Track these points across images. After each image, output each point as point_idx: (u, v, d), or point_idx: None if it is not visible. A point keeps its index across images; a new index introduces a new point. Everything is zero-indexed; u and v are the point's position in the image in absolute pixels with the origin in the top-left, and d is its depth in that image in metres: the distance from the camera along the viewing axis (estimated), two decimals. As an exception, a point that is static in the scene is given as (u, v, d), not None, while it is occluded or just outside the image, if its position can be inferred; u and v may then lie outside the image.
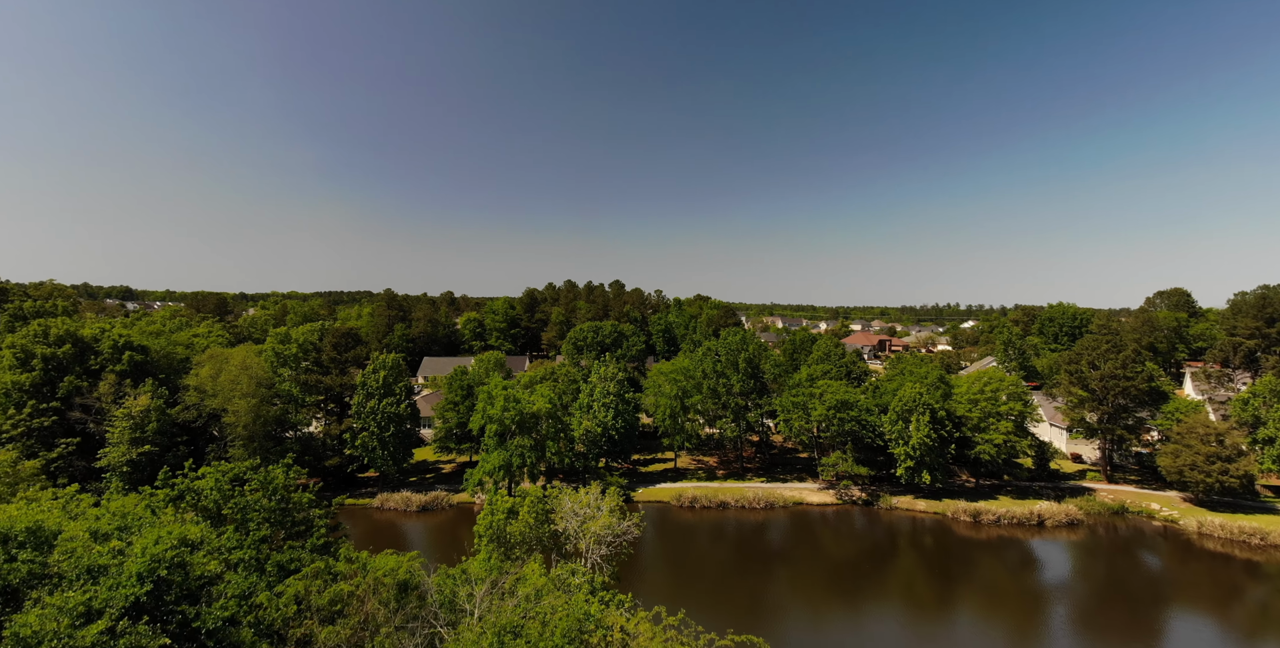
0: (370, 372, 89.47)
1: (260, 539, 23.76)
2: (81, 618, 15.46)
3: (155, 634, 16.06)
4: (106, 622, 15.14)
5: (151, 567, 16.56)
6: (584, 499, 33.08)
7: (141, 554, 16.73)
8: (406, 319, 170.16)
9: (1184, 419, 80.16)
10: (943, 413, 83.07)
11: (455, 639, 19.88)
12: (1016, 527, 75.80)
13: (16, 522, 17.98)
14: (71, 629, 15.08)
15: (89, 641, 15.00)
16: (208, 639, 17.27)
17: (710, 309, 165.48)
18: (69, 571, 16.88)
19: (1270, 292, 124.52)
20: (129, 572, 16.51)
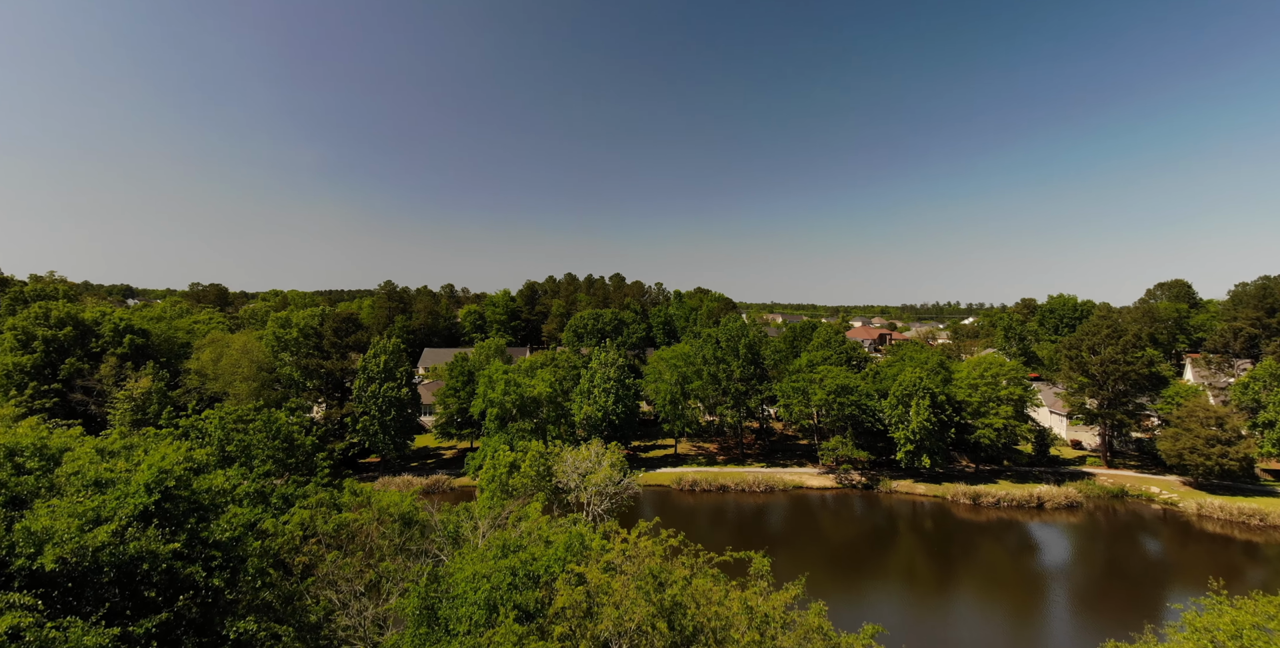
0: (371, 356, 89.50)
1: (264, 474, 23.84)
2: (90, 523, 15.50)
3: (165, 540, 16.13)
4: (115, 525, 15.18)
5: (159, 478, 16.60)
6: (584, 454, 33.16)
7: (149, 469, 16.77)
8: (407, 311, 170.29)
9: (1184, 404, 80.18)
10: (943, 397, 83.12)
11: (459, 556, 19.93)
12: (1016, 509, 75.82)
13: (23, 438, 18.05)
14: (80, 532, 15.12)
15: (98, 542, 15.04)
16: (215, 550, 17.31)
17: (711, 302, 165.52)
18: (76, 483, 16.92)
19: (1271, 282, 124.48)
20: (137, 483, 16.55)
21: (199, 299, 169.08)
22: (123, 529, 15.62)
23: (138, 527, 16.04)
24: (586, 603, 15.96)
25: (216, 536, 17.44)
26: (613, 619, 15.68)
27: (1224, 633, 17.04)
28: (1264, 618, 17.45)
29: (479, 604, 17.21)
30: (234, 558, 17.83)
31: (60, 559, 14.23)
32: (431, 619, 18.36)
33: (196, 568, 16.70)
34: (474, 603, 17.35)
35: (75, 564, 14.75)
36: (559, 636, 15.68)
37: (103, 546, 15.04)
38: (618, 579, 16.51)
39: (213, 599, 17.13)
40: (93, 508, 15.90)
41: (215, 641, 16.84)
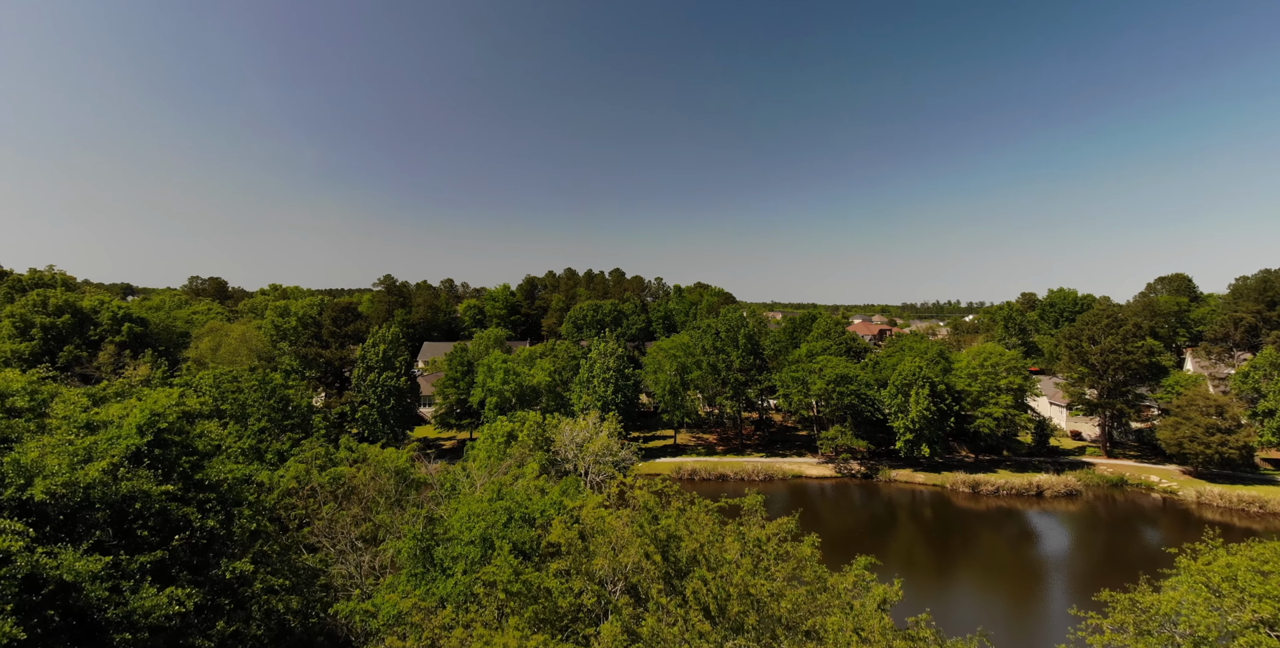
0: (370, 345, 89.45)
1: (259, 431, 23.80)
2: (81, 461, 15.45)
3: (157, 481, 16.07)
4: (106, 462, 15.13)
5: (151, 420, 16.54)
6: (582, 424, 33.13)
7: (141, 411, 16.71)
8: (406, 305, 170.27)
9: (1184, 392, 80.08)
10: (942, 387, 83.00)
11: (454, 501, 19.89)
12: (1015, 497, 75.75)
13: (13, 383, 18.00)
14: (70, 468, 15.06)
15: (89, 478, 14.98)
16: (209, 492, 17.26)
17: (711, 296, 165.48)
18: (67, 425, 16.86)
19: (1272, 275, 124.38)
20: (129, 425, 16.50)
21: (198, 293, 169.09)
22: (114, 468, 15.56)
23: (130, 467, 15.98)
24: (581, 543, 15.91)
25: (211, 477, 17.38)
26: (607, 557, 15.65)
27: (1218, 575, 17.00)
28: (1259, 562, 17.41)
29: (474, 543, 17.16)
30: (228, 501, 17.78)
31: (50, 491, 14.16)
32: (427, 560, 18.31)
33: (191, 510, 16.64)
34: (469, 542, 17.31)
35: (66, 499, 14.69)
36: (555, 572, 15.64)
37: (94, 483, 14.97)
38: (611, 517, 16.48)
39: (207, 541, 17.08)
40: (84, 447, 15.85)
41: (210, 580, 16.77)
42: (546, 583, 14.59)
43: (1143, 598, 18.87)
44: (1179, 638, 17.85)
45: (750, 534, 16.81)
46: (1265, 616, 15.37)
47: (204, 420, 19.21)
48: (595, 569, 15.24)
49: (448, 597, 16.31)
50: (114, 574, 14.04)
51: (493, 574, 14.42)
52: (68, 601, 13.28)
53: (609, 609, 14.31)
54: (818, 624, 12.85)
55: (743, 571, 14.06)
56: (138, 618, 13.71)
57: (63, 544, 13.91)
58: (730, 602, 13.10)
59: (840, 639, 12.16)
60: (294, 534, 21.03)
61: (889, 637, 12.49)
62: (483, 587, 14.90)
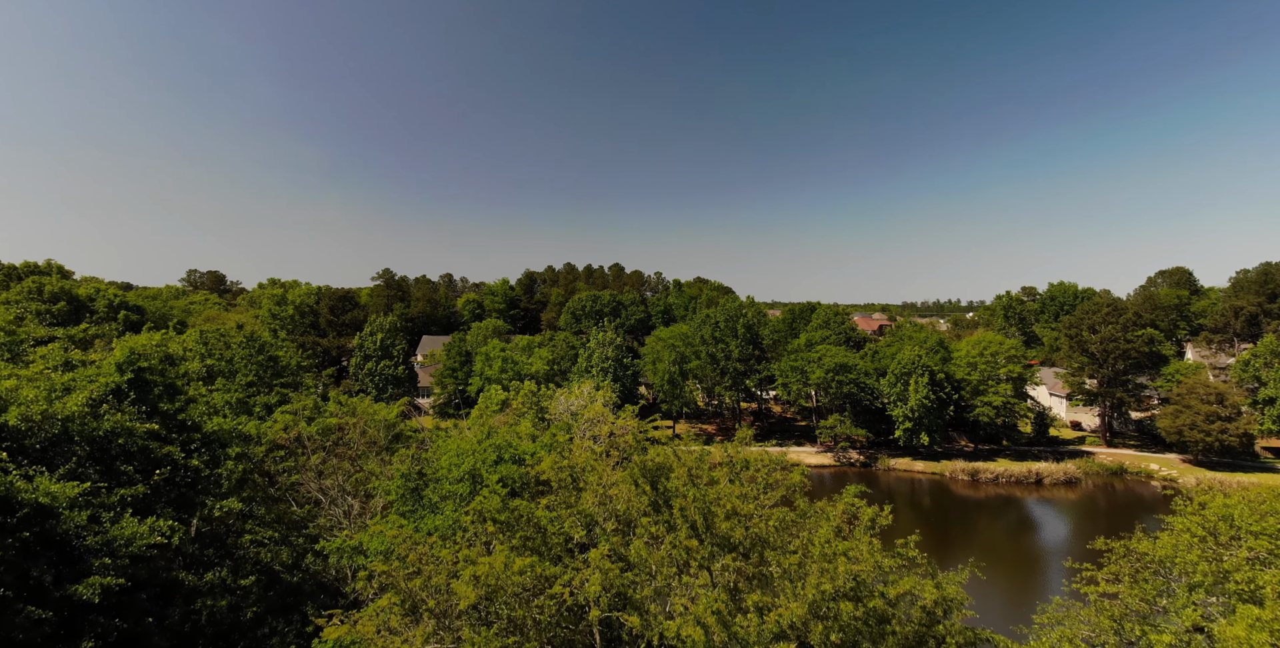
0: (368, 334, 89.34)
1: (246, 385, 23.60)
2: (60, 393, 15.25)
3: (140, 419, 15.88)
4: (86, 395, 14.94)
5: (132, 358, 16.33)
6: (576, 392, 32.94)
7: (122, 350, 16.51)
8: (405, 299, 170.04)
9: (1184, 381, 79.84)
10: (941, 376, 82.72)
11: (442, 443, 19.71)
12: (1015, 485, 75.51)
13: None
14: (48, 401, 14.87)
15: (68, 411, 14.79)
16: (194, 432, 17.07)
17: (710, 291, 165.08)
18: (45, 363, 16.66)
19: (1272, 268, 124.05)
20: (109, 363, 16.30)
21: (196, 286, 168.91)
22: (95, 404, 15.36)
23: (113, 403, 15.79)
24: (571, 480, 15.73)
25: (195, 418, 17.19)
26: (597, 493, 15.46)
27: (1214, 514, 16.82)
28: (1257, 503, 17.20)
29: (462, 480, 16.97)
30: (213, 443, 17.58)
31: (26, 418, 13.96)
32: (416, 500, 18.13)
33: (174, 449, 16.44)
34: (457, 480, 17.12)
35: (43, 429, 14.48)
36: (545, 506, 15.43)
37: (73, 416, 14.77)
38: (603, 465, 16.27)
39: (192, 480, 16.88)
40: (62, 383, 15.67)
41: (200, 534, 16.59)
42: (536, 513, 14.40)
43: (1138, 545, 18.68)
44: (1174, 584, 17.65)
45: (738, 458, 16.62)
46: (1261, 553, 15.16)
47: (187, 364, 19.04)
48: (585, 506, 15.05)
49: (435, 530, 16.13)
50: (92, 502, 13.85)
51: (481, 503, 14.22)
52: (44, 526, 13.08)
53: (598, 542, 14.13)
54: (806, 540, 12.66)
55: (732, 494, 13.87)
56: (119, 546, 13.51)
57: (39, 471, 13.72)
58: (717, 518, 12.92)
59: (828, 551, 11.97)
60: (282, 486, 20.85)
61: (877, 555, 12.32)
62: (471, 516, 14.71)
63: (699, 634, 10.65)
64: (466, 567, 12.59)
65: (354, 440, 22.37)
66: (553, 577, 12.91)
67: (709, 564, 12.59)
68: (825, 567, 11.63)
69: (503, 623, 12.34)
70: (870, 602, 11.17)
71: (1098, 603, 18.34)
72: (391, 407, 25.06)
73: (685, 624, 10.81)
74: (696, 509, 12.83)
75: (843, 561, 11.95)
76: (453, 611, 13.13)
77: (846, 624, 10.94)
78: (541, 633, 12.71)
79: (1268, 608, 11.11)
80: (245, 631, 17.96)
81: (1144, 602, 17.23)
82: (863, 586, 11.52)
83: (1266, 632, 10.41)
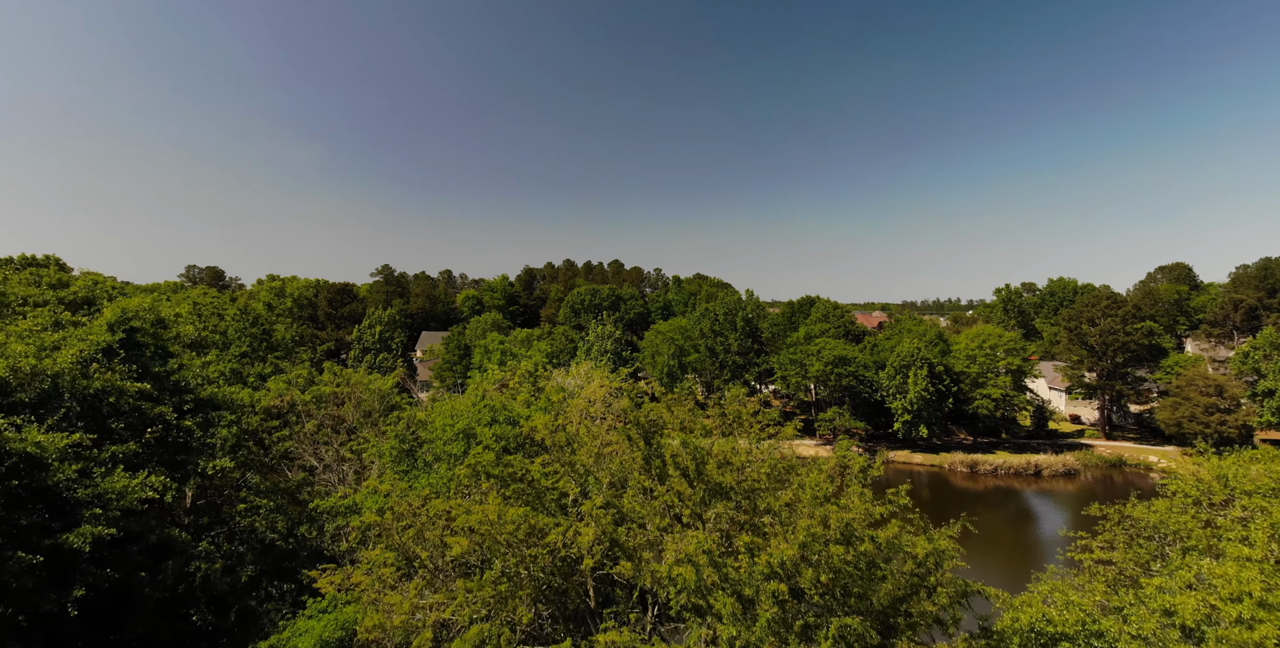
0: (366, 326, 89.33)
1: (240, 355, 23.57)
2: (48, 351, 15.23)
3: (132, 378, 15.85)
4: (75, 350, 14.91)
5: (124, 317, 16.30)
6: (574, 372, 32.93)
7: (113, 310, 16.48)
8: (404, 295, 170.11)
9: (1183, 373, 79.81)
10: (940, 368, 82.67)
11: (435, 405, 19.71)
12: (1014, 477, 75.54)
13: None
14: (37, 357, 14.84)
15: (58, 367, 14.77)
16: (187, 394, 17.05)
17: (710, 287, 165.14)
18: (34, 322, 16.63)
19: (1272, 263, 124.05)
20: (100, 323, 16.28)
21: (194, 281, 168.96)
22: (86, 362, 15.34)
23: (103, 362, 15.77)
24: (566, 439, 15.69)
25: (188, 379, 17.18)
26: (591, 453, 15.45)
27: (1210, 472, 16.81)
28: (1248, 461, 17.20)
29: (456, 439, 16.95)
30: (206, 405, 17.56)
31: (15, 371, 13.95)
32: (410, 461, 18.11)
33: (167, 409, 16.43)
34: (450, 439, 17.10)
35: (33, 385, 14.45)
36: (540, 463, 15.41)
37: (63, 372, 14.75)
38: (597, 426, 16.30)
39: (185, 440, 16.86)
40: (52, 342, 15.65)
41: (192, 483, 16.58)
42: (531, 468, 14.39)
43: (1132, 511, 18.68)
44: (1168, 548, 17.62)
45: (730, 410, 16.62)
46: (1255, 511, 15.13)
47: (179, 326, 19.03)
48: (579, 458, 15.02)
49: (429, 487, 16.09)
50: (82, 454, 13.84)
51: (476, 456, 14.20)
52: (34, 477, 13.06)
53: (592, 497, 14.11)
54: (798, 485, 12.64)
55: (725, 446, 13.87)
56: (110, 499, 13.50)
57: (29, 421, 13.71)
58: (708, 466, 12.90)
59: (818, 494, 11.96)
60: (276, 455, 20.84)
61: (868, 503, 12.30)
62: (465, 470, 14.67)
63: (690, 574, 10.64)
64: (460, 515, 12.58)
65: (349, 413, 22.35)
66: (546, 529, 12.90)
67: (701, 512, 12.59)
68: (816, 511, 11.63)
69: (494, 572, 12.33)
70: (861, 545, 11.16)
71: (1091, 569, 18.33)
72: (387, 378, 25.04)
73: (676, 565, 10.80)
74: (689, 455, 12.83)
75: (833, 508, 11.94)
76: (446, 563, 13.12)
77: (837, 567, 10.92)
78: (535, 583, 12.69)
79: (1258, 549, 11.12)
80: (239, 594, 17.97)
81: (1138, 566, 17.21)
82: (853, 531, 11.50)
83: (1255, 570, 10.41)
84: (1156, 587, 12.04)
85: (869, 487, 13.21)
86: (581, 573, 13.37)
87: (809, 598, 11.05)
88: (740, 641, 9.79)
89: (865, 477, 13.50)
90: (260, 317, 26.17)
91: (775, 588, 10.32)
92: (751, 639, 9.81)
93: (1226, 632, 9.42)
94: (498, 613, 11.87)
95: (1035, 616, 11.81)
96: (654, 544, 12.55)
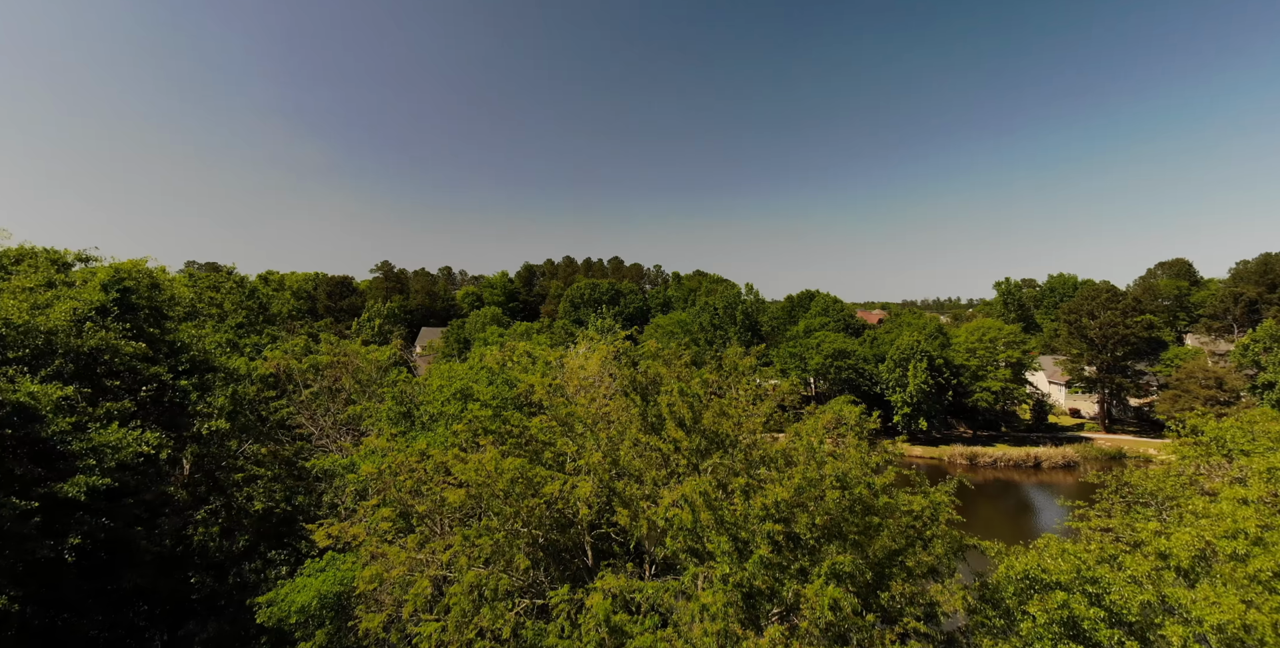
0: (365, 320, 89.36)
1: (236, 326, 23.57)
2: (40, 309, 15.22)
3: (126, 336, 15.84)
4: (69, 306, 14.91)
5: (117, 277, 16.29)
6: (574, 351, 32.83)
7: (107, 270, 16.47)
8: (404, 291, 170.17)
9: (1183, 365, 79.81)
10: (940, 361, 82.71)
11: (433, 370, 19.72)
12: (1013, 469, 75.54)
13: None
14: (31, 315, 14.83)
15: (51, 324, 14.77)
16: (182, 354, 17.04)
17: (710, 283, 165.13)
18: (26, 280, 16.60)
19: (1272, 258, 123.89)
20: (93, 284, 16.28)
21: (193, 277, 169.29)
22: (80, 320, 15.33)
23: (97, 320, 15.76)
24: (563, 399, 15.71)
25: (184, 338, 17.18)
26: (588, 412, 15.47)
27: (1208, 435, 16.82)
28: (1249, 424, 17.19)
29: (453, 399, 16.95)
30: (201, 366, 17.56)
31: (8, 324, 13.93)
32: (408, 422, 18.11)
33: (161, 369, 16.43)
34: (447, 399, 17.10)
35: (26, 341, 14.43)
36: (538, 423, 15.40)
37: (56, 329, 14.74)
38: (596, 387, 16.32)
39: (180, 400, 16.86)
40: (46, 299, 15.65)
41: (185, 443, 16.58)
42: (528, 423, 14.38)
43: (1130, 477, 18.68)
44: (1165, 514, 17.62)
45: (727, 362, 16.61)
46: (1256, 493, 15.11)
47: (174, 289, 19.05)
48: (576, 409, 15.01)
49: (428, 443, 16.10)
50: (76, 407, 13.85)
51: (473, 414, 14.21)
52: (29, 429, 13.04)
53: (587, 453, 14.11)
54: (795, 431, 12.64)
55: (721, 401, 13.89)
56: (105, 452, 13.50)
57: (20, 367, 13.72)
58: (705, 412, 12.90)
59: (813, 441, 11.97)
60: (273, 422, 20.83)
61: (864, 451, 12.31)
62: (462, 425, 14.68)
63: (686, 516, 10.63)
64: (457, 466, 12.58)
65: (347, 383, 22.34)
66: (542, 481, 12.90)
67: (698, 463, 12.58)
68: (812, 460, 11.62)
69: (490, 520, 12.33)
70: (856, 488, 11.16)
71: (1089, 536, 18.31)
72: (384, 348, 25.05)
73: (672, 507, 10.80)
74: (685, 404, 12.82)
75: (829, 458, 11.94)
76: (445, 515, 13.12)
77: (832, 511, 10.92)
78: (532, 534, 12.69)
79: (1253, 489, 11.11)
80: (238, 560, 18.00)
81: (1135, 532, 17.19)
82: (849, 477, 11.50)
83: (1251, 510, 10.40)
84: (1153, 531, 12.05)
85: (865, 439, 13.21)
86: (579, 527, 13.37)
87: (805, 542, 11.05)
88: (735, 577, 9.78)
89: (861, 430, 13.50)
90: (257, 289, 26.13)
91: (770, 529, 10.32)
92: (744, 576, 9.80)
93: (1222, 567, 9.41)
94: (495, 561, 11.87)
95: (1030, 563, 11.81)
96: (651, 497, 12.55)
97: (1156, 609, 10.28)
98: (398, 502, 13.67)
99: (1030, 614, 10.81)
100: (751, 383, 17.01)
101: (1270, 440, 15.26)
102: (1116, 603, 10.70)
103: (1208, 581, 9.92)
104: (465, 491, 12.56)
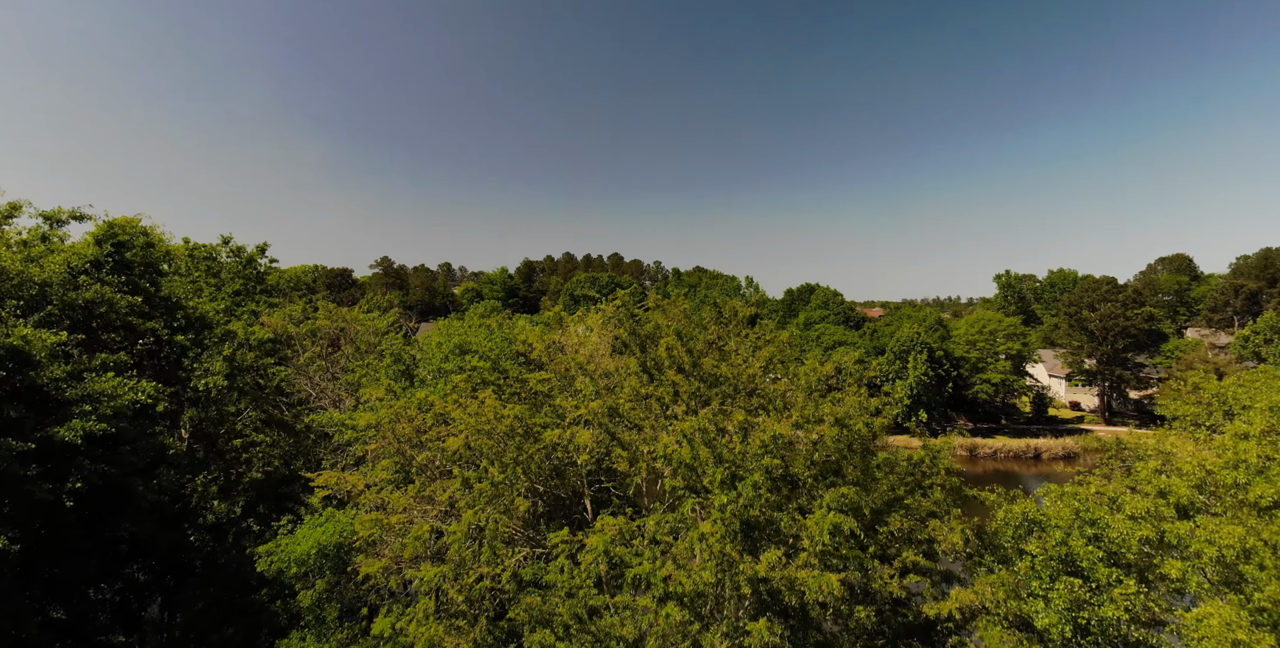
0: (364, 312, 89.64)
1: (233, 293, 23.51)
2: (33, 261, 15.16)
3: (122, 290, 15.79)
4: (64, 257, 14.87)
5: (109, 232, 16.22)
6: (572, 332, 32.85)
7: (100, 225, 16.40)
8: (404, 287, 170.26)
9: (1184, 356, 79.79)
10: (940, 353, 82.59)
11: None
12: (1013, 460, 75.57)
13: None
14: (25, 266, 14.76)
15: (46, 275, 14.73)
16: (177, 310, 16.98)
17: (710, 278, 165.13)
18: (17, 238, 16.53)
19: (1272, 253, 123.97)
20: (87, 238, 16.23)
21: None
22: (75, 273, 15.29)
23: (92, 273, 15.72)
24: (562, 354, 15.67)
25: (179, 293, 17.14)
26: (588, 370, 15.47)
27: (1207, 393, 16.80)
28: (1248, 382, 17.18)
29: (452, 355, 16.92)
30: (196, 323, 17.51)
31: (1, 272, 13.90)
32: (407, 379, 18.08)
33: (157, 324, 16.39)
34: (445, 356, 17.07)
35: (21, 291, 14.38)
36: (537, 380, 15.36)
37: (51, 281, 14.70)
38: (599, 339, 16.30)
39: (177, 355, 16.82)
40: (37, 251, 15.61)
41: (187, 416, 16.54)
42: (527, 376, 14.36)
43: (1128, 439, 18.64)
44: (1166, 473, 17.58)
45: (726, 310, 16.59)
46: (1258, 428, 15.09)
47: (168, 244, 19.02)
48: (577, 358, 15.00)
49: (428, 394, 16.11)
50: (71, 354, 13.83)
51: (472, 363, 14.18)
52: (23, 374, 13.00)
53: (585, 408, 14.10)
54: (793, 372, 12.64)
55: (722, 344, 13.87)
56: (101, 399, 13.46)
57: (15, 317, 13.69)
58: (705, 357, 12.87)
59: (810, 381, 11.96)
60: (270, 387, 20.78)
61: (862, 395, 12.29)
62: (462, 376, 14.61)
63: (684, 452, 10.60)
64: (456, 411, 12.55)
65: (346, 351, 22.32)
66: (541, 430, 12.87)
67: (696, 408, 12.55)
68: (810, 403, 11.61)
69: (492, 466, 12.30)
70: (855, 425, 11.13)
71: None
72: (384, 316, 25.00)
73: (671, 444, 10.77)
74: (684, 348, 12.79)
75: (827, 404, 11.91)
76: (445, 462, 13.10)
77: (830, 448, 10.90)
78: (531, 481, 12.66)
79: (1256, 424, 11.07)
80: (237, 521, 17.99)
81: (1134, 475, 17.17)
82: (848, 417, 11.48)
83: (1254, 455, 10.37)
84: (1152, 470, 12.03)
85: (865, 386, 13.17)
86: (578, 477, 13.35)
87: (803, 481, 11.02)
88: (732, 506, 9.75)
89: (860, 377, 13.47)
90: (253, 257, 26.06)
91: (769, 463, 10.28)
92: (742, 503, 9.78)
93: (1222, 496, 9.39)
94: (494, 503, 11.84)
95: (1029, 507, 11.78)
96: (649, 441, 12.53)
97: (1155, 545, 10.25)
98: (397, 454, 13.64)
99: (1029, 553, 10.78)
100: (752, 334, 16.99)
101: (1274, 392, 15.24)
102: (1115, 542, 10.68)
103: (1208, 515, 9.90)
104: (464, 438, 12.53)
